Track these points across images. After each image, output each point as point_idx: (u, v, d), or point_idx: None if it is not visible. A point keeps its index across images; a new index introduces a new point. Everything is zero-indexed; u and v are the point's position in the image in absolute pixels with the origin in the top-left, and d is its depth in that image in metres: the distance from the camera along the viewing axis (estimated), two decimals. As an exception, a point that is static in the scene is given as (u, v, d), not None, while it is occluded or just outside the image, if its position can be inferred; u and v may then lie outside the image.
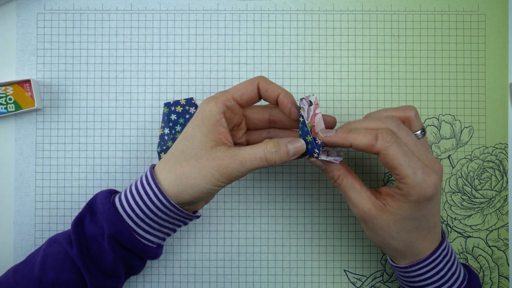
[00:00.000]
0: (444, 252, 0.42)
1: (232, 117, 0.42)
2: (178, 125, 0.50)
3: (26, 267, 0.42)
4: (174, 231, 0.44)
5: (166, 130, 0.50)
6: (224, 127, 0.40)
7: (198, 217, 0.44)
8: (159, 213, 0.40)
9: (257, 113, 0.44)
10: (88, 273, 0.41)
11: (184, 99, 0.50)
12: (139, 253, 0.42)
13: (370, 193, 0.40)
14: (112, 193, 0.43)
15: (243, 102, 0.41)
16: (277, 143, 0.39)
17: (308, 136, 0.40)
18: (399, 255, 0.42)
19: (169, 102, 0.50)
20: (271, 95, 0.41)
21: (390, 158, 0.38)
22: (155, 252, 0.43)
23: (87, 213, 0.42)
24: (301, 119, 0.41)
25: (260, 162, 0.38)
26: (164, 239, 0.44)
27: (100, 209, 0.41)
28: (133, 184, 0.42)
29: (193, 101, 0.51)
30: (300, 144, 0.40)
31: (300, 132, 0.41)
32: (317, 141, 0.40)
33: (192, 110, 0.50)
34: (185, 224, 0.44)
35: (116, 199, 0.42)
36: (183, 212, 0.41)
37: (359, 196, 0.40)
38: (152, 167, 0.41)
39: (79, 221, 0.42)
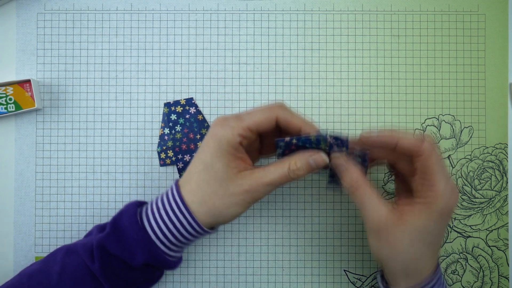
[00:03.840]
0: (440, 281, 0.41)
1: (248, 143, 0.42)
2: (178, 125, 0.50)
3: (42, 274, 0.42)
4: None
5: (166, 130, 0.50)
6: (242, 153, 0.41)
7: (216, 231, 0.46)
8: (190, 237, 0.42)
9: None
10: (111, 287, 0.41)
11: (184, 99, 0.50)
12: (167, 269, 0.44)
13: (387, 203, 0.39)
14: (136, 212, 0.42)
15: (259, 131, 0.41)
16: (299, 160, 0.40)
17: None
18: (398, 273, 0.40)
19: (169, 102, 0.50)
20: (292, 129, 0.41)
21: (432, 161, 0.38)
22: (178, 264, 0.45)
23: (111, 233, 0.42)
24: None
25: (286, 180, 0.40)
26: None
27: (133, 237, 0.41)
28: (162, 210, 0.41)
29: (193, 101, 0.51)
30: (319, 156, 0.40)
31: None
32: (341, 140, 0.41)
33: (192, 110, 0.50)
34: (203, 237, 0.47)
35: (146, 224, 0.41)
36: (208, 232, 0.42)
37: (376, 205, 0.39)
38: (179, 193, 0.41)
39: (104, 240, 0.42)
